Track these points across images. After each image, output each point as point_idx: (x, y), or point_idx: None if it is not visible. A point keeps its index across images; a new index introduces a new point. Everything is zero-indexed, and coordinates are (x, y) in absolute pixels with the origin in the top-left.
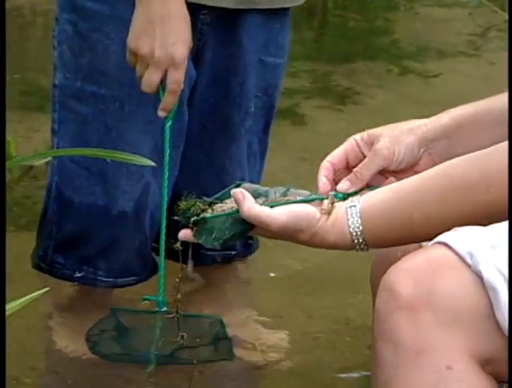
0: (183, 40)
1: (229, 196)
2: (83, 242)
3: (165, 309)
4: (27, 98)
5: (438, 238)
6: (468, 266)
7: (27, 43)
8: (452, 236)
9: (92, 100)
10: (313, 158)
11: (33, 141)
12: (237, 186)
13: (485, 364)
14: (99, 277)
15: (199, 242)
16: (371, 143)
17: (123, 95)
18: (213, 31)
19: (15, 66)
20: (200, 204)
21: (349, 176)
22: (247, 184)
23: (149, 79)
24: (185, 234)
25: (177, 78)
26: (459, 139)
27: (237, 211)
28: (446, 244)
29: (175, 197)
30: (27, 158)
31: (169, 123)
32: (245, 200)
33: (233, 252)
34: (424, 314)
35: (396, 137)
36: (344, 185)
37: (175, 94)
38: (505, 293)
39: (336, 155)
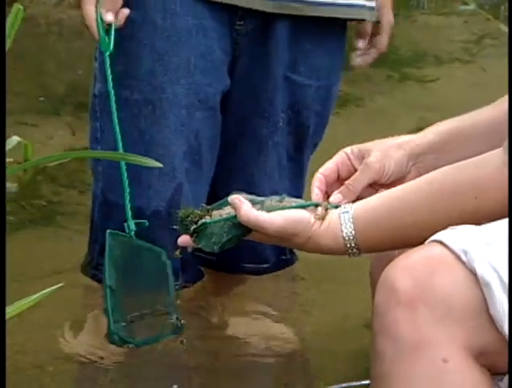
0: None
1: (226, 205)
2: None
3: (133, 234)
4: (43, 103)
5: (434, 237)
6: (463, 263)
7: (43, 51)
8: (448, 234)
9: (125, 105)
10: (318, 157)
11: (48, 144)
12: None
13: (479, 357)
14: None
15: (199, 246)
16: (361, 157)
17: (155, 98)
18: (248, 42)
19: (32, 72)
20: (198, 212)
21: (341, 189)
22: (243, 194)
23: (84, 16)
24: (184, 240)
25: (83, 13)
26: (445, 153)
27: (235, 216)
28: (441, 242)
29: (214, 199)
30: (42, 159)
31: (107, 53)
32: (243, 205)
33: (265, 265)
34: (421, 310)
35: (385, 151)
36: (336, 197)
37: (90, 28)
38: (499, 289)
39: (328, 167)
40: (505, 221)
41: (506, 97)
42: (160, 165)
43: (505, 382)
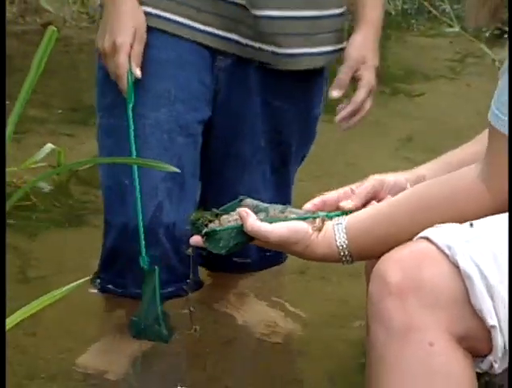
0: (128, 31)
1: (234, 209)
2: (115, 258)
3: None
4: (75, 113)
5: (422, 234)
6: (447, 257)
7: (75, 67)
8: (433, 232)
9: (113, 132)
10: (318, 161)
11: (80, 151)
12: (240, 201)
13: (462, 341)
14: (130, 289)
15: (208, 248)
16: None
17: (139, 125)
18: (227, 77)
19: (65, 87)
20: (208, 216)
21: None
22: (249, 200)
23: (110, 69)
24: (196, 240)
25: (116, 62)
26: None
27: (242, 225)
28: (428, 238)
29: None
30: (73, 164)
31: (130, 105)
32: (249, 217)
33: (248, 260)
34: (410, 299)
35: (386, 174)
36: (344, 202)
37: (118, 78)
38: (479, 280)
39: (330, 193)
40: (483, 220)
41: (481, 135)
42: (175, 169)
43: (486, 364)
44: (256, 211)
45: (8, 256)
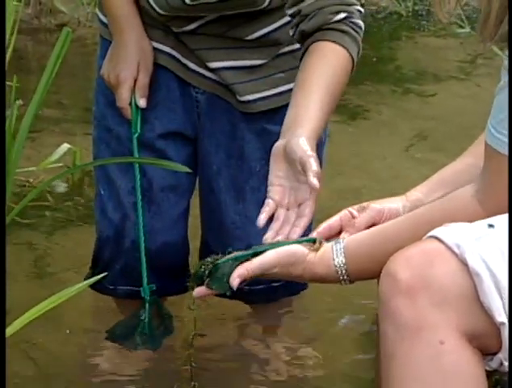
0: (131, 65)
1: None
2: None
3: (147, 296)
4: (89, 113)
5: (431, 233)
6: (456, 255)
7: (90, 68)
8: (442, 231)
9: (96, 142)
10: (330, 161)
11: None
12: (229, 253)
13: (472, 339)
14: (104, 283)
15: (214, 289)
16: (362, 210)
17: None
18: (207, 101)
19: (80, 87)
20: (209, 259)
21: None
22: (239, 253)
23: (117, 99)
24: (199, 291)
25: (119, 96)
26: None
27: (243, 255)
28: (437, 237)
29: (205, 250)
30: (87, 163)
31: (136, 134)
32: (242, 274)
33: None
34: (420, 297)
35: (385, 200)
36: (343, 234)
37: (123, 110)
38: (488, 278)
39: (333, 219)
40: (493, 218)
41: (472, 147)
42: (187, 169)
43: (496, 362)
44: (253, 255)
45: (25, 254)
